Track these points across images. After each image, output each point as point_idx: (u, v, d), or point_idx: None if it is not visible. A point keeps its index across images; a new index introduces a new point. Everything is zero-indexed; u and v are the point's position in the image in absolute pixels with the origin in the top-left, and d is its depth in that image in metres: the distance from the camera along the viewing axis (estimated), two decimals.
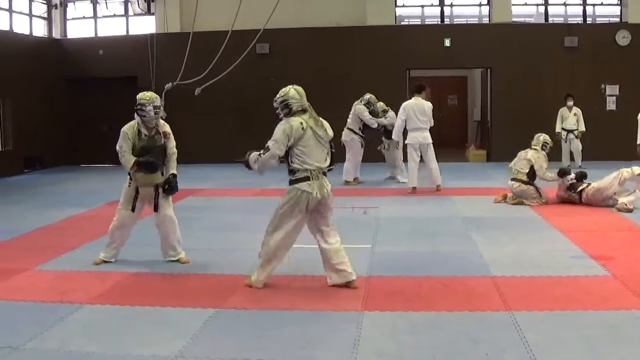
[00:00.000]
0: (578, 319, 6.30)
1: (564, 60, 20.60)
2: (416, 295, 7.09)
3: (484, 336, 5.87)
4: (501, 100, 21.09)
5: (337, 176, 14.99)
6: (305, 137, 7.16)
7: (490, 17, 21.86)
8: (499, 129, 21.04)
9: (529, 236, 10.02)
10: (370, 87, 20.26)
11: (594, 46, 20.83)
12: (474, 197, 13.95)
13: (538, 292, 7.17)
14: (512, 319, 6.26)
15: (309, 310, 6.62)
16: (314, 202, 7.21)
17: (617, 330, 6.00)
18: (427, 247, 9.36)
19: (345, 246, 9.15)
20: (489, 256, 8.68)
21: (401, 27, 22.21)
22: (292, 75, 20.33)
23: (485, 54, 20.99)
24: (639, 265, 8.31)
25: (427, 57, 20.99)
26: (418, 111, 14.35)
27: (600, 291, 7.18)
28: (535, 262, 8.36)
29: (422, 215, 11.91)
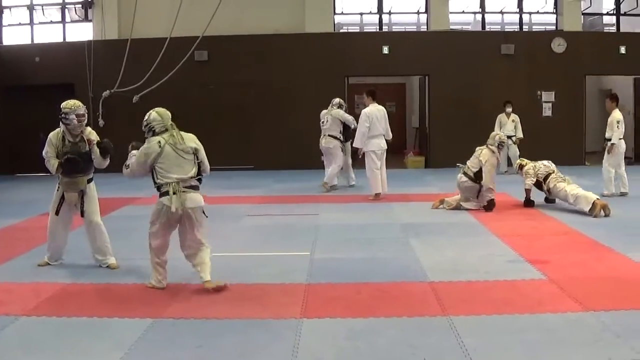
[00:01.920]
0: (515, 322, 6.37)
1: (501, 67, 20.87)
2: (355, 301, 7.10)
3: (423, 342, 5.90)
4: (439, 107, 21.27)
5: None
6: (163, 154, 7.43)
7: (428, 25, 22.06)
8: (437, 135, 21.22)
9: (467, 241, 10.12)
10: (309, 93, 20.41)
11: (530, 53, 21.15)
12: (413, 203, 14.02)
13: (476, 296, 7.25)
14: (450, 323, 6.30)
15: (248, 319, 6.58)
16: (174, 216, 7.45)
17: (554, 333, 6.09)
18: (366, 254, 9.38)
19: (284, 254, 9.26)
20: (427, 262, 8.73)
21: (340, 34, 22.34)
22: (231, 82, 20.40)
23: (424, 61, 21.16)
24: (575, 268, 8.45)
25: (366, 64, 21.07)
26: (379, 118, 14.38)
27: (537, 295, 7.28)
28: (472, 267, 8.45)
29: (361, 222, 11.93)
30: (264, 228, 11.43)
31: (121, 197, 14.45)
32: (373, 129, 14.35)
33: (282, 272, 8.30)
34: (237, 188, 16.63)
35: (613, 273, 8.23)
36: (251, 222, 12.00)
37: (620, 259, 8.93)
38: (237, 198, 14.95)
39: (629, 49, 21.73)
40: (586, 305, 6.81)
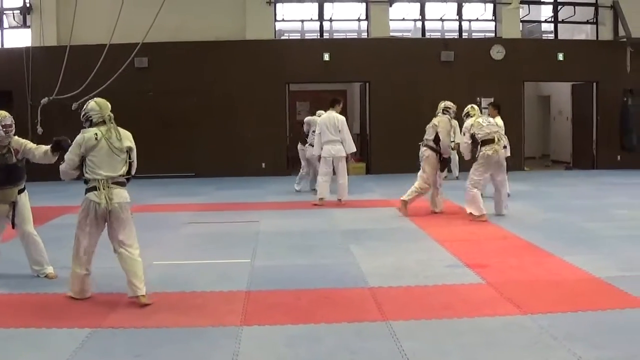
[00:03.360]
0: (454, 326, 6.41)
1: (441, 74, 21.05)
2: (295, 308, 7.07)
3: (362, 347, 5.90)
4: (380, 114, 21.40)
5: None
6: (97, 148, 7.29)
7: (368, 32, 22.17)
8: (377, 142, 21.31)
9: (407, 247, 10.16)
10: (250, 101, 20.37)
11: (469, 60, 21.38)
12: (353, 209, 14.06)
13: (415, 301, 7.28)
14: (390, 328, 6.31)
15: (187, 327, 6.49)
16: (102, 212, 7.29)
17: (492, 336, 6.14)
18: (307, 260, 9.36)
19: (224, 261, 9.18)
20: (367, 267, 8.74)
21: (281, 41, 22.36)
22: (172, 90, 20.26)
23: (364, 68, 21.25)
24: (513, 272, 8.55)
25: (307, 71, 21.10)
26: (330, 124, 14.42)
27: (476, 298, 7.34)
28: (412, 272, 8.49)
29: (302, 228, 11.92)
30: (205, 236, 11.35)
31: (59, 205, 14.24)
32: (324, 135, 14.47)
33: (222, 280, 8.24)
34: (178, 196, 16.51)
35: (551, 276, 8.36)
36: (192, 230, 11.91)
37: (558, 262, 9.05)
38: (178, 206, 14.84)
39: (567, 55, 22.13)
40: (524, 308, 6.88)
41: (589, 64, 22.17)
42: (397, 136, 20.53)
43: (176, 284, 8.03)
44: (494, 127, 12.52)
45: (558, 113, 26.52)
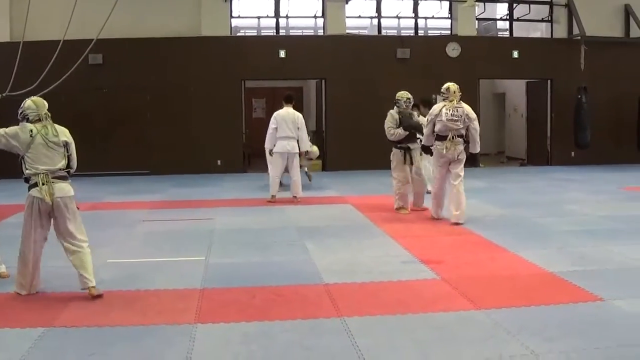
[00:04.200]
0: (408, 322, 6.43)
1: (397, 71, 21.07)
2: (249, 305, 7.04)
3: (316, 343, 5.89)
4: (336, 111, 21.39)
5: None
6: (33, 144, 7.29)
7: (324, 29, 22.14)
8: (333, 138, 21.29)
9: (362, 243, 10.15)
10: (206, 97, 20.27)
11: (425, 58, 21.46)
12: (309, 206, 14.03)
13: (369, 297, 7.28)
14: (344, 325, 6.31)
15: (141, 325, 6.44)
16: (45, 207, 7.29)
17: (446, 331, 6.18)
18: (261, 258, 9.32)
19: (179, 259, 9.12)
20: (322, 264, 8.74)
21: (236, 38, 22.23)
22: (126, 86, 20.09)
23: (320, 65, 21.23)
24: (467, 267, 8.60)
25: (263, 68, 21.01)
26: (288, 120, 14.35)
27: (430, 294, 7.38)
28: (367, 268, 8.49)
29: (257, 225, 11.85)
30: (159, 233, 11.25)
31: (13, 204, 14.04)
32: (280, 130, 14.40)
33: (177, 278, 8.17)
34: (133, 193, 16.36)
35: (505, 271, 8.43)
36: (146, 228, 11.80)
37: (512, 257, 9.14)
38: (133, 203, 14.69)
39: (522, 53, 22.32)
40: (478, 303, 6.94)
41: (543, 62, 22.38)
42: (353, 133, 20.58)
43: (130, 282, 7.96)
44: (456, 123, 11.57)
45: (513, 110, 26.73)
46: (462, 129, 11.59)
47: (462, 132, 11.61)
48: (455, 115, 11.52)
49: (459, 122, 11.53)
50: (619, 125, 22.26)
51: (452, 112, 11.52)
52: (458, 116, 11.53)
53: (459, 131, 11.57)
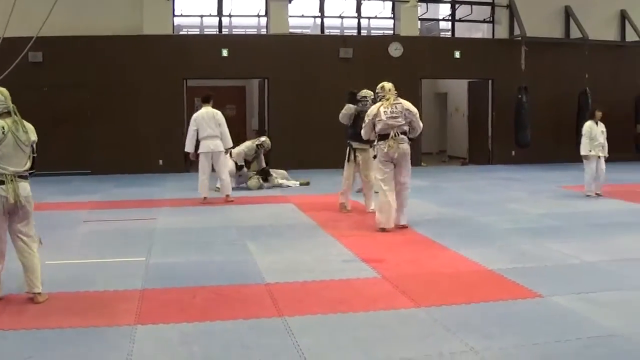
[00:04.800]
0: (350, 320, 6.45)
1: (340, 70, 21.13)
2: (190, 306, 6.99)
3: (257, 343, 5.87)
4: (278, 110, 21.37)
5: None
6: (5, 142, 7.05)
7: (267, 28, 22.09)
8: (276, 138, 21.11)
9: (304, 242, 10.17)
10: (147, 96, 20.11)
11: (368, 57, 21.53)
12: (251, 205, 14.01)
13: (311, 296, 7.29)
14: (285, 324, 6.30)
15: (81, 327, 6.33)
16: (9, 206, 7.11)
17: (387, 329, 6.21)
18: (203, 257, 9.26)
19: (120, 260, 9.02)
20: (264, 263, 8.72)
21: (179, 36, 22.07)
22: (67, 85, 19.84)
23: (263, 64, 21.17)
24: (408, 266, 8.67)
25: (205, 67, 20.87)
26: (208, 120, 14.23)
27: (371, 293, 7.40)
28: (308, 268, 8.50)
29: (199, 225, 11.79)
30: (100, 234, 11.12)
31: None
32: (201, 131, 14.27)
33: (117, 279, 8.07)
34: (74, 194, 16.14)
35: (445, 269, 8.52)
36: (87, 228, 11.65)
37: (452, 255, 9.24)
38: (73, 204, 14.50)
39: (464, 53, 22.56)
40: (418, 301, 6.98)
41: (485, 62, 22.65)
42: (296, 132, 20.59)
43: (70, 283, 7.84)
44: (397, 120, 11.19)
45: (455, 110, 27.00)
46: (404, 125, 11.24)
47: (404, 128, 11.26)
48: (394, 112, 11.18)
49: (400, 118, 11.18)
50: (558, 125, 22.61)
51: (391, 109, 11.20)
52: (398, 112, 11.19)
53: (401, 128, 11.20)
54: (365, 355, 5.63)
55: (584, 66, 22.24)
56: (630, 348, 5.76)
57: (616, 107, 22.87)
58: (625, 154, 23.12)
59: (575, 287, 7.63)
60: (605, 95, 22.52)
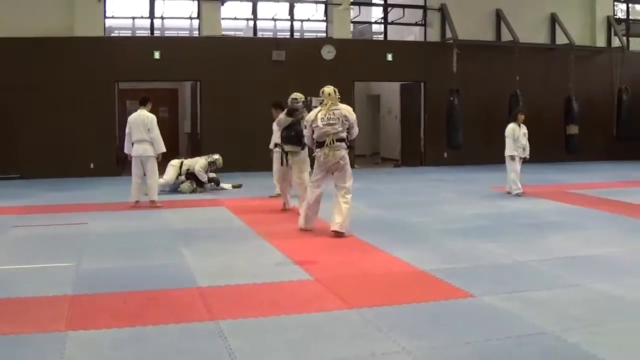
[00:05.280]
0: (282, 323, 6.45)
1: (272, 73, 21.12)
2: (122, 311, 6.91)
3: (190, 346, 5.84)
4: (211, 113, 21.26)
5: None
6: None
7: (200, 31, 21.99)
8: (208, 141, 21.05)
9: (237, 246, 10.14)
10: (78, 99, 19.84)
11: (300, 60, 21.56)
12: (184, 209, 13.94)
13: (243, 299, 7.27)
14: (218, 327, 6.28)
15: (11, 334, 6.22)
16: None
17: (319, 330, 6.24)
18: (135, 262, 9.17)
19: (49, 265, 8.89)
20: (197, 267, 8.67)
21: (110, 38, 21.84)
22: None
23: (195, 66, 21.05)
24: (340, 267, 8.72)
25: (137, 69, 20.66)
26: (138, 123, 14.03)
27: (303, 295, 7.44)
28: (241, 271, 8.48)
29: (132, 229, 11.69)
30: (30, 239, 10.92)
31: None
32: (133, 134, 14.09)
33: (47, 285, 7.95)
34: (2, 198, 15.79)
35: (377, 270, 8.60)
36: (16, 234, 11.43)
37: (385, 256, 9.32)
38: (2, 209, 14.18)
39: (396, 56, 22.76)
40: (350, 302, 7.02)
41: (417, 65, 22.89)
42: (228, 135, 20.52)
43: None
44: (334, 127, 10.89)
45: (387, 112, 27.19)
46: (341, 132, 10.91)
47: (341, 135, 10.93)
48: (332, 119, 10.86)
49: (337, 125, 10.84)
50: (490, 127, 22.87)
51: (328, 115, 10.87)
52: (335, 119, 10.86)
53: (338, 134, 10.88)
54: (297, 357, 5.65)
55: (514, 69, 22.66)
56: (560, 346, 5.87)
57: (546, 109, 23.45)
58: (555, 154, 23.66)
59: (507, 286, 7.76)
60: (536, 97, 23.04)
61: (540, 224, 12.04)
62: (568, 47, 24.15)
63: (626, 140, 25.02)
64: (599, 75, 25.35)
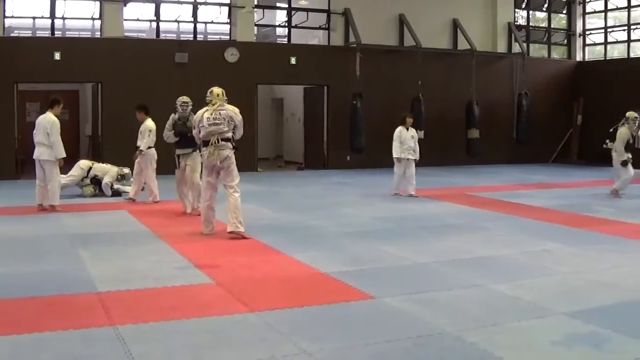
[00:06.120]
0: (183, 327, 6.42)
1: (175, 75, 20.91)
2: (18, 318, 6.74)
3: (88, 353, 5.76)
4: (112, 115, 20.84)
5: None
6: None
7: (102, 31, 21.66)
8: (110, 143, 20.73)
9: (137, 249, 10.04)
10: None
11: (204, 62, 21.43)
12: (83, 213, 13.68)
13: (144, 304, 7.22)
14: (117, 333, 6.21)
15: None
16: None
17: (220, 334, 6.24)
18: (32, 268, 8.95)
19: None
20: (96, 272, 8.53)
21: (8, 38, 21.22)
22: None
23: (97, 68, 20.69)
24: (243, 271, 8.73)
25: (37, 70, 20.15)
26: (41, 126, 13.74)
27: (205, 298, 7.42)
28: (141, 275, 8.41)
29: (29, 234, 11.38)
30: None
31: None
32: (35, 136, 13.88)
33: None
34: None
35: (279, 273, 8.63)
36: None
37: (286, 259, 9.38)
38: None
39: (299, 59, 22.85)
40: (252, 306, 7.04)
41: (320, 68, 23.04)
42: (130, 138, 20.19)
43: None
44: (219, 127, 11.01)
45: (291, 115, 27.28)
46: (227, 132, 11.05)
47: (227, 135, 11.07)
48: (217, 119, 11.00)
49: (223, 125, 10.99)
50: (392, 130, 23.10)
51: (214, 115, 11.01)
52: (221, 119, 11.00)
53: (223, 134, 11.01)
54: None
55: (417, 73, 23.01)
56: (459, 346, 6.02)
57: (448, 112, 23.94)
58: (457, 158, 24.14)
59: (407, 288, 7.92)
60: (438, 101, 23.49)
61: (441, 226, 12.30)
62: (469, 52, 24.69)
63: (525, 144, 25.71)
64: (500, 80, 26.03)
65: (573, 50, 28.85)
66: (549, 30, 28.60)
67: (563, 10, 28.98)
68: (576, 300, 7.49)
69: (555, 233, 11.65)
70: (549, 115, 26.81)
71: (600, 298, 7.62)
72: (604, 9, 28.01)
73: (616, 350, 5.97)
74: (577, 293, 7.82)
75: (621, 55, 27.85)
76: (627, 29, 27.22)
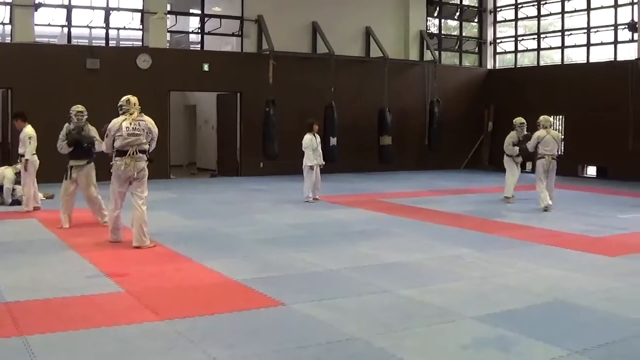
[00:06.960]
0: (93, 336, 6.40)
1: (87, 81, 20.61)
2: None
3: None
4: None
5: None
6: None
7: (12, 37, 21.26)
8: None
9: (47, 259, 9.89)
10: None
11: (115, 69, 21.19)
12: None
13: (53, 314, 7.15)
14: (26, 343, 6.15)
15: None
16: None
17: (130, 343, 6.23)
18: None
19: None
20: (4, 282, 8.38)
21: None
22: None
23: (6, 74, 20.23)
24: (153, 279, 8.74)
25: None
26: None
27: (114, 308, 7.38)
28: (51, 285, 8.30)
29: None
30: None
31: None
32: None
33: None
34: None
35: (189, 282, 8.65)
36: None
37: (197, 267, 9.40)
38: None
39: (212, 66, 22.82)
40: (161, 314, 7.06)
41: (233, 75, 23.03)
42: (40, 144, 19.85)
43: None
44: (139, 138, 10.82)
45: (204, 122, 27.23)
46: (144, 144, 10.90)
47: (144, 147, 10.91)
48: (137, 129, 10.78)
49: (142, 137, 10.82)
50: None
51: (134, 125, 10.77)
52: (140, 130, 10.81)
53: (142, 146, 10.83)
54: None
55: (330, 80, 23.19)
56: (369, 351, 6.15)
57: (361, 119, 24.22)
58: (369, 164, 24.42)
59: (317, 294, 8.03)
60: (351, 108, 23.75)
61: (352, 232, 12.46)
62: (382, 60, 25.02)
63: (437, 151, 26.18)
64: (412, 87, 26.49)
65: (484, 58, 29.53)
66: (461, 38, 29.22)
67: (474, 19, 29.65)
68: (485, 305, 7.70)
69: (465, 238, 11.93)
70: (460, 122, 27.38)
71: (509, 302, 7.85)
72: (515, 17, 28.79)
73: (524, 353, 6.17)
74: (486, 297, 8.05)
75: (531, 63, 28.62)
76: (537, 38, 28.00)
